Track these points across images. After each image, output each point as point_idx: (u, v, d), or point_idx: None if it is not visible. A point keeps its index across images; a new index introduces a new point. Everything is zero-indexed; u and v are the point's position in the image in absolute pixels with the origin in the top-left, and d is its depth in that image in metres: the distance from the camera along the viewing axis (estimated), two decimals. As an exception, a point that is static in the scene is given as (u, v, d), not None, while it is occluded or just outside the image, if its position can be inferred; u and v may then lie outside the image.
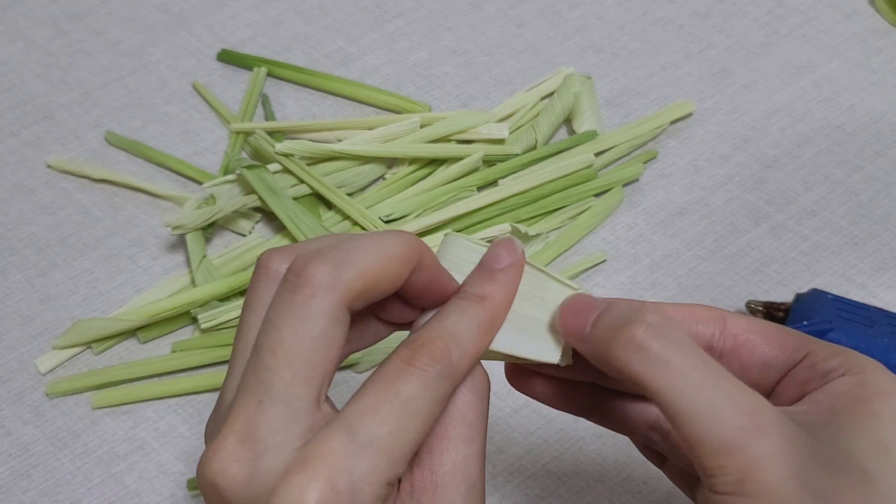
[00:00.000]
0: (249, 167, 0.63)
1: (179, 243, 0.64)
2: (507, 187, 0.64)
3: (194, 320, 0.60)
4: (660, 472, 0.45)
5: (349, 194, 0.65)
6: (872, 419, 0.38)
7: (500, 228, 0.61)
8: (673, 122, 0.70)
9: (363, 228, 0.63)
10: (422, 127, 0.67)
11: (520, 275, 0.40)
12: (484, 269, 0.40)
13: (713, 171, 0.67)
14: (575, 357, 0.41)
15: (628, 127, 0.69)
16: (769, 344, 0.40)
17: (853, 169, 0.67)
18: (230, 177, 0.64)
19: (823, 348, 0.40)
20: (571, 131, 0.69)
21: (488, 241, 0.41)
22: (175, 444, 0.57)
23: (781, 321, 0.58)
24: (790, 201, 0.66)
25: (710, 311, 0.41)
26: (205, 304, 0.60)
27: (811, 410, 0.39)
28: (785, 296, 0.61)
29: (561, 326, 0.40)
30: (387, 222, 0.63)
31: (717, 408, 0.36)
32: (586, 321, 0.39)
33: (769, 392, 0.41)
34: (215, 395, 0.47)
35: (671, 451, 0.44)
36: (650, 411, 0.43)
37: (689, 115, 0.70)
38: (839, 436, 0.37)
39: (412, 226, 0.62)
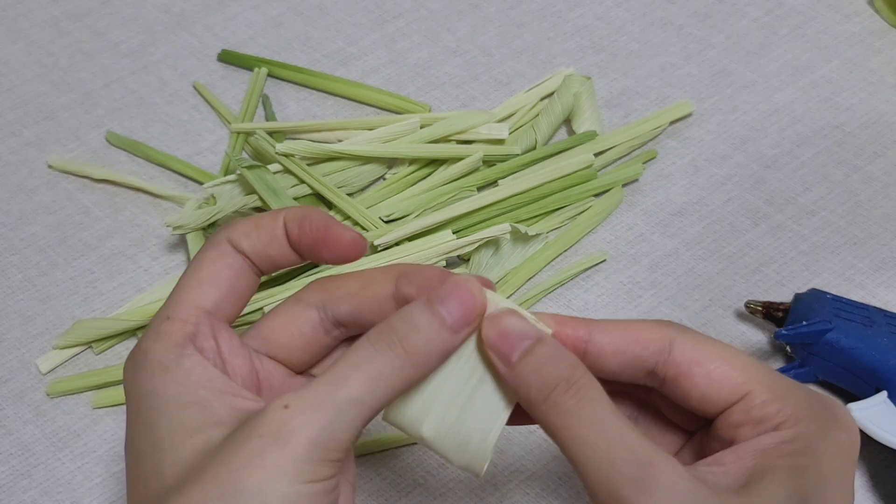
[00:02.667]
0: (250, 167, 0.63)
1: (180, 243, 0.65)
2: (507, 187, 0.64)
3: (195, 320, 0.60)
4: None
5: (349, 194, 0.65)
6: (796, 473, 0.38)
7: (500, 228, 0.61)
8: (672, 123, 0.70)
9: (363, 228, 0.63)
10: (422, 127, 0.67)
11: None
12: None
13: (712, 171, 0.67)
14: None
15: (628, 127, 0.69)
16: (708, 379, 0.40)
17: (852, 169, 0.67)
18: (231, 177, 0.64)
19: (763, 390, 0.39)
20: (571, 131, 0.69)
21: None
22: (175, 444, 0.57)
23: (781, 321, 0.58)
24: (789, 201, 0.66)
25: (658, 333, 0.41)
26: (205, 303, 0.60)
27: (731, 470, 0.38)
28: (784, 296, 0.61)
29: (485, 338, 0.40)
30: (387, 222, 0.64)
31: (613, 458, 0.37)
32: (513, 347, 0.39)
33: (707, 423, 0.41)
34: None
35: None
36: None
37: (689, 115, 0.70)
38: (753, 495, 0.37)
39: (412, 226, 0.62)
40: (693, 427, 0.43)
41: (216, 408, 0.39)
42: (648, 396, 0.43)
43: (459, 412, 0.40)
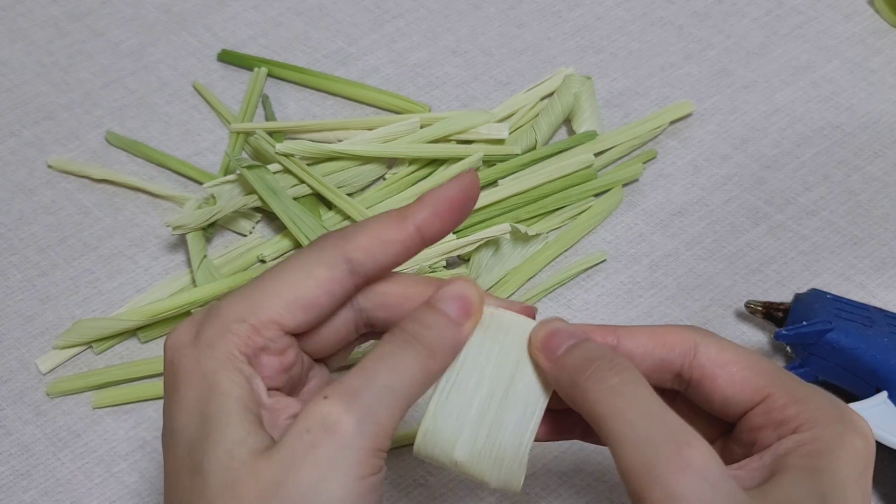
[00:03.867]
0: (250, 167, 0.63)
1: (180, 243, 0.65)
2: (507, 187, 0.64)
3: (195, 320, 0.60)
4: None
5: (349, 194, 0.65)
6: (815, 474, 0.39)
7: (500, 228, 0.61)
8: (672, 123, 0.70)
9: (363, 228, 0.63)
10: (422, 127, 0.67)
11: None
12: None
13: (713, 171, 0.67)
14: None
15: (628, 127, 0.69)
16: (732, 381, 0.41)
17: (852, 169, 0.67)
18: (230, 177, 0.64)
19: (783, 394, 0.40)
20: (571, 131, 0.69)
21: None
22: (175, 444, 0.57)
23: (780, 321, 0.58)
24: (789, 201, 0.66)
25: (683, 337, 0.42)
26: (205, 304, 0.60)
27: (754, 466, 0.39)
28: (784, 296, 0.61)
29: (535, 340, 0.42)
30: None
31: (651, 435, 0.37)
32: (560, 344, 0.41)
33: (729, 429, 0.42)
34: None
35: None
36: None
37: (689, 115, 0.70)
38: (774, 490, 0.38)
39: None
40: (715, 435, 0.44)
41: (265, 419, 0.40)
42: (672, 403, 0.44)
43: (489, 430, 0.42)
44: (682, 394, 0.44)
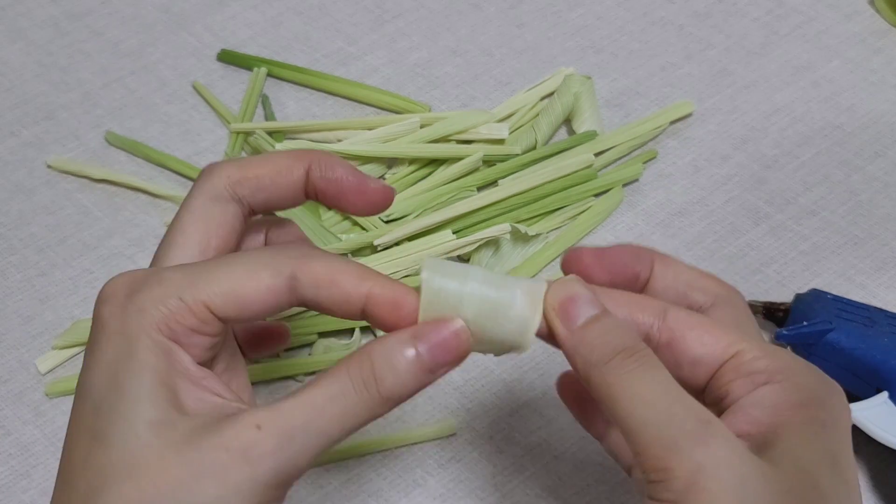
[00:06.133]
0: (249, 167, 0.63)
1: (179, 243, 0.64)
2: (507, 187, 0.64)
3: (194, 320, 0.60)
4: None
5: (349, 194, 0.65)
6: (818, 428, 0.38)
7: (500, 228, 0.61)
8: (673, 123, 0.70)
9: (363, 228, 0.63)
10: (422, 127, 0.67)
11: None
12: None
13: (713, 171, 0.67)
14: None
15: (628, 127, 0.69)
16: (700, 341, 0.41)
17: (853, 169, 0.67)
18: (230, 177, 0.64)
19: (753, 348, 0.41)
20: (571, 131, 0.69)
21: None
22: (175, 444, 0.57)
23: (781, 321, 0.58)
24: (790, 201, 0.66)
25: (653, 302, 0.42)
26: (205, 304, 0.60)
27: (751, 431, 0.39)
28: (785, 296, 0.61)
29: (552, 301, 0.41)
30: (387, 222, 0.64)
31: (673, 413, 0.37)
32: (579, 313, 0.40)
33: (700, 390, 0.42)
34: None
35: None
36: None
37: (689, 115, 0.70)
38: (787, 453, 0.38)
39: (412, 226, 0.62)
40: None
41: (185, 397, 0.39)
42: None
43: (491, 287, 0.40)
44: None
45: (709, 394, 0.41)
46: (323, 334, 0.59)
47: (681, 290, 0.44)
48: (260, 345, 0.48)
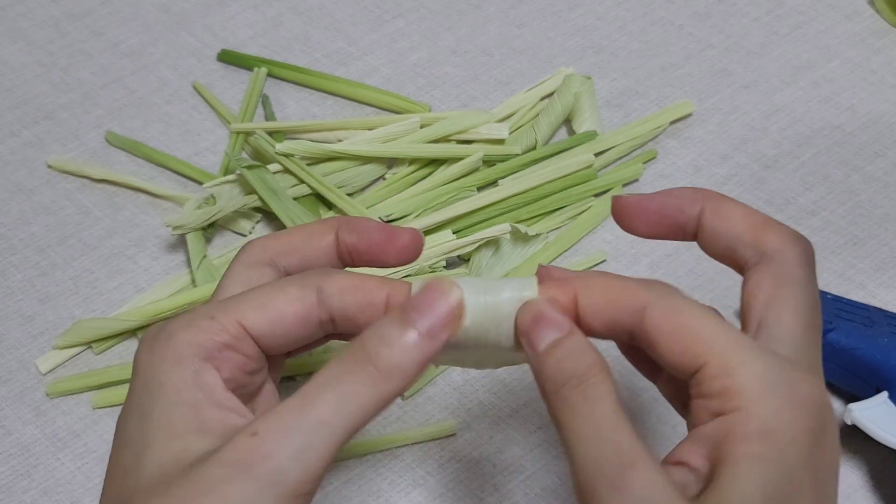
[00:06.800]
0: (250, 167, 0.63)
1: (180, 243, 0.65)
2: (507, 187, 0.64)
3: (194, 320, 0.60)
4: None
5: (349, 194, 0.65)
6: (759, 464, 0.36)
7: (500, 228, 0.61)
8: (673, 123, 0.70)
9: (363, 228, 0.63)
10: (422, 127, 0.67)
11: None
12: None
13: (713, 171, 0.67)
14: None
15: (628, 127, 0.69)
16: (671, 350, 0.39)
17: (853, 169, 0.67)
18: (230, 177, 0.64)
19: (716, 363, 0.38)
20: (571, 131, 0.69)
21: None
22: (175, 444, 0.57)
23: (781, 321, 0.58)
24: (790, 201, 0.66)
25: (635, 298, 0.40)
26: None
27: (695, 466, 0.37)
28: (784, 296, 0.61)
29: (520, 324, 0.40)
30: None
31: (599, 456, 0.36)
32: (543, 336, 0.39)
33: (677, 397, 0.42)
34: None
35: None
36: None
37: (689, 115, 0.70)
38: (719, 494, 0.36)
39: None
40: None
41: (207, 416, 0.38)
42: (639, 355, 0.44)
43: (487, 295, 0.41)
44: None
45: (693, 389, 0.39)
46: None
47: (729, 244, 0.42)
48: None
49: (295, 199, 0.64)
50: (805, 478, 0.36)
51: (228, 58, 0.74)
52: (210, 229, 0.64)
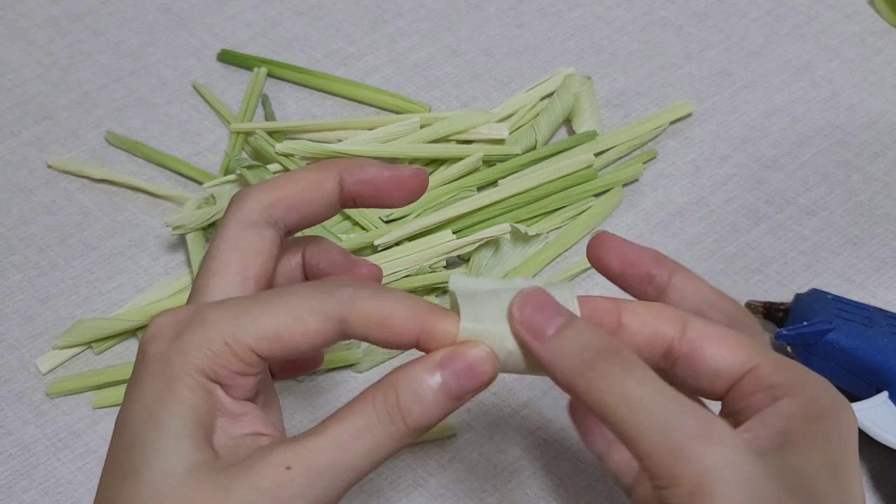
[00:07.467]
0: (250, 167, 0.63)
1: (180, 243, 0.65)
2: (507, 187, 0.64)
3: (194, 320, 0.60)
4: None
5: (349, 194, 0.65)
6: (822, 439, 0.38)
7: (500, 228, 0.61)
8: (673, 123, 0.70)
9: (363, 228, 0.63)
10: (422, 127, 0.67)
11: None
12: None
13: (713, 171, 0.67)
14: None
15: (628, 127, 0.69)
16: (720, 353, 0.40)
17: (852, 169, 0.67)
18: (230, 177, 0.64)
19: (770, 362, 0.40)
20: (571, 131, 0.69)
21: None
22: (175, 444, 0.56)
23: (781, 321, 0.58)
24: (790, 201, 0.66)
25: (674, 312, 0.41)
26: (205, 304, 0.60)
27: (762, 436, 0.39)
28: (784, 296, 0.61)
29: (516, 315, 0.39)
30: (387, 222, 0.64)
31: (672, 416, 0.37)
32: (548, 323, 0.39)
33: (718, 400, 0.42)
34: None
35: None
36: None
37: (689, 115, 0.70)
38: (790, 457, 0.38)
39: (412, 226, 0.62)
40: None
41: (219, 427, 0.39)
42: None
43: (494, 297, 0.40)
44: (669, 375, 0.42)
45: (727, 405, 0.41)
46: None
47: (698, 306, 0.43)
48: (293, 370, 0.48)
49: (295, 199, 0.64)
50: (850, 454, 0.39)
51: (228, 58, 0.74)
52: (210, 229, 0.64)
